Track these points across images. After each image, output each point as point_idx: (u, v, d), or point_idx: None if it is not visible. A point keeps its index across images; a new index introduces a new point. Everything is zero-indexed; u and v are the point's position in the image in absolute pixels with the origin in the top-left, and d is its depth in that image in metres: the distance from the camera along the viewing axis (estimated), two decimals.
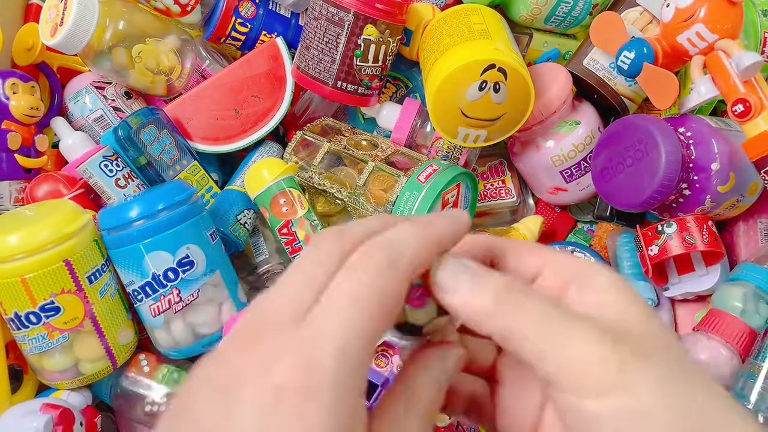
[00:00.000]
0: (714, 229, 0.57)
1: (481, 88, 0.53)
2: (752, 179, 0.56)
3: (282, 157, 0.65)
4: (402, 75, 0.68)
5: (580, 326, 0.21)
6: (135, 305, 0.53)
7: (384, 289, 0.20)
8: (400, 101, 0.65)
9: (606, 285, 0.23)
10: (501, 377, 0.27)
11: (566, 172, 0.63)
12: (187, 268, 0.51)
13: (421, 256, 0.22)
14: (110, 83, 0.63)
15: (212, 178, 0.64)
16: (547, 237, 0.68)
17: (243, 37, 0.65)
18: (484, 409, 0.27)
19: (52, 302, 0.48)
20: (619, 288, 0.23)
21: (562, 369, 0.20)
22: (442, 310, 0.24)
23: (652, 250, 0.57)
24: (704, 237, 0.56)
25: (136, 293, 0.52)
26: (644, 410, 0.19)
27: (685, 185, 0.55)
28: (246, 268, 0.64)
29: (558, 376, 0.20)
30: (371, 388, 0.60)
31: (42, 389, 0.55)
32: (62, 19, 0.56)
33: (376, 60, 0.59)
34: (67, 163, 0.61)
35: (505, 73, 0.53)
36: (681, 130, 0.56)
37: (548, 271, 0.25)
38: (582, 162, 0.62)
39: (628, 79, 0.59)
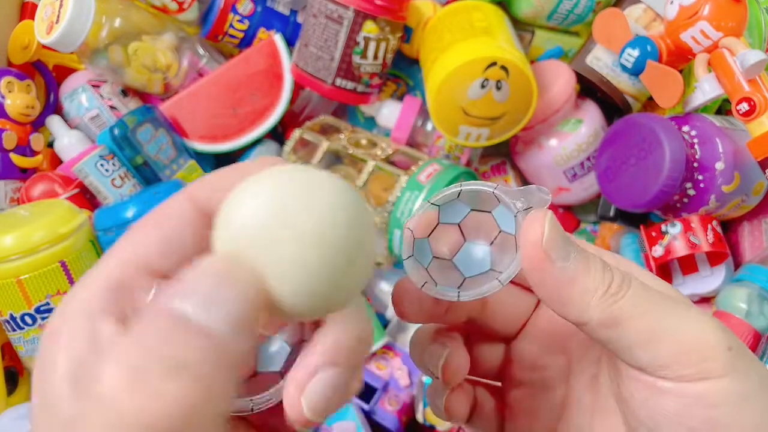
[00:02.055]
0: (719, 229, 0.56)
1: (482, 86, 0.53)
2: (757, 179, 0.55)
3: (280, 156, 0.64)
4: (402, 73, 0.67)
5: (688, 310, 0.20)
6: None
7: None
8: (400, 99, 0.65)
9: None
10: (514, 379, 0.26)
11: (569, 172, 0.62)
12: None
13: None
14: (106, 81, 0.62)
15: None
16: None
17: (241, 35, 0.64)
18: (487, 416, 0.26)
19: (48, 303, 0.48)
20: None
21: (679, 351, 0.20)
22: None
23: (656, 250, 0.56)
24: (709, 237, 0.55)
25: None
26: (752, 393, 0.20)
27: (689, 185, 0.54)
28: None
29: (673, 359, 0.20)
30: (370, 390, 0.59)
31: None
32: (58, 17, 0.55)
33: (375, 57, 0.58)
34: (62, 162, 0.61)
35: (507, 71, 0.52)
36: (685, 128, 0.55)
37: None
38: (585, 161, 0.61)
39: (631, 77, 0.58)
